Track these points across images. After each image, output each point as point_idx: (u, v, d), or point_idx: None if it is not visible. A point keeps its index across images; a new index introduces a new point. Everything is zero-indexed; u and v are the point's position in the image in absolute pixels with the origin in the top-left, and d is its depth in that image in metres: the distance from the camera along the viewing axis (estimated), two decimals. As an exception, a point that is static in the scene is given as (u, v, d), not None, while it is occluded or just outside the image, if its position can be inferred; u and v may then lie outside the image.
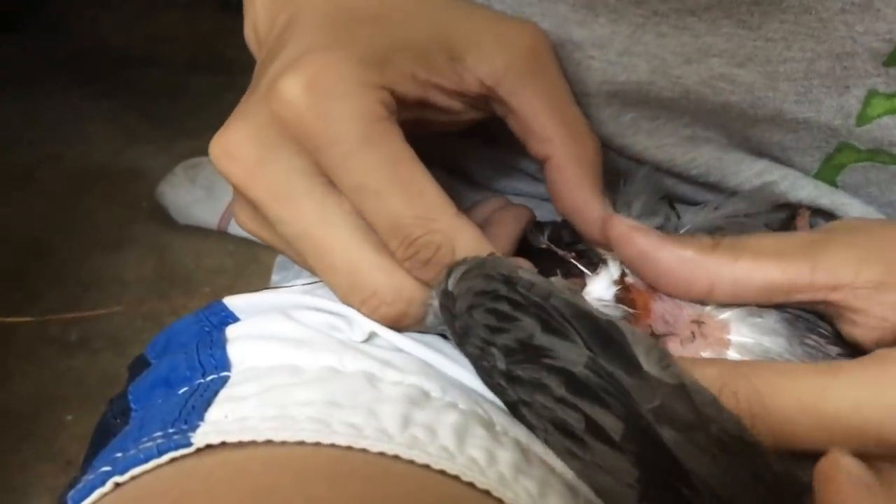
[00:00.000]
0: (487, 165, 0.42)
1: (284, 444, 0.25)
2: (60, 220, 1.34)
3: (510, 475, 0.26)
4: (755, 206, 0.31)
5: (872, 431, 0.23)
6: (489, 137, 0.40)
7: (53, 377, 1.11)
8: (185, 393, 0.29)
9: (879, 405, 0.23)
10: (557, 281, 0.25)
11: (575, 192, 0.31)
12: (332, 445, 0.25)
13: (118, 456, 0.26)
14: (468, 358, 0.28)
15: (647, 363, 0.23)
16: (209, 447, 0.25)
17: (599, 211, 0.31)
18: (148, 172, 1.40)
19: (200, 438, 0.25)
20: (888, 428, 0.23)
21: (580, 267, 0.30)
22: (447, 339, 0.30)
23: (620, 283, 0.29)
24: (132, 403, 0.32)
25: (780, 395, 0.24)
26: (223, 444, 0.25)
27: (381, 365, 0.30)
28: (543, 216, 0.38)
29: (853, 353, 0.27)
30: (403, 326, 0.29)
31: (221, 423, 0.26)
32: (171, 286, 1.25)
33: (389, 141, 0.27)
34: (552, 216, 0.37)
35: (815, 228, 0.30)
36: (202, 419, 0.26)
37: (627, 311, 0.29)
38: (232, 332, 0.32)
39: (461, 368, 0.31)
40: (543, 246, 0.31)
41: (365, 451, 0.25)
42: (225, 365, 0.30)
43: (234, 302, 0.35)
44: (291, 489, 0.24)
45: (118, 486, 0.25)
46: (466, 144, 0.41)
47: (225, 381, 0.29)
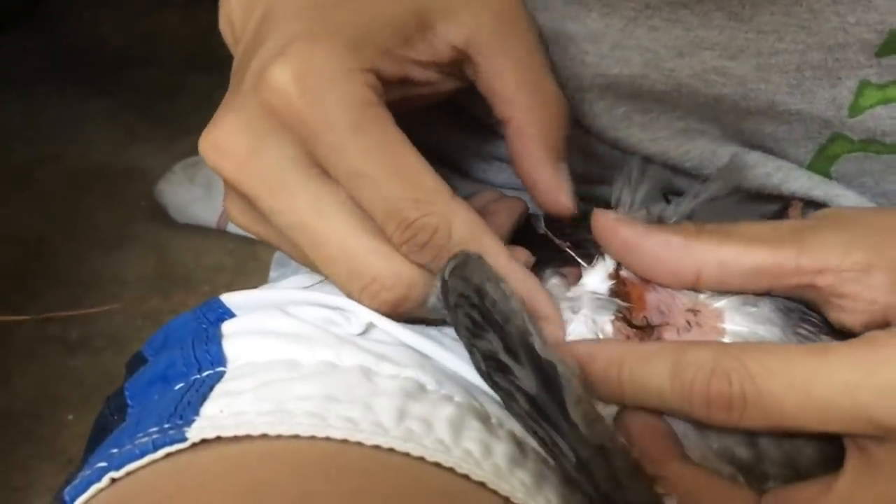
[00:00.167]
0: (481, 158, 0.42)
1: (280, 438, 0.25)
2: (60, 219, 1.34)
3: (505, 467, 0.27)
4: (726, 186, 0.31)
5: (863, 412, 0.23)
6: (484, 130, 0.40)
7: (54, 377, 1.11)
8: (180, 388, 0.29)
9: (870, 386, 0.23)
10: (516, 302, 0.25)
11: (531, 156, 0.30)
12: (327, 439, 0.25)
13: (114, 452, 0.26)
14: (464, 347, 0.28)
15: (574, 415, 0.23)
16: (204, 442, 0.25)
17: (552, 178, 0.30)
18: (147, 171, 1.40)
19: (195, 433, 0.25)
20: (878, 409, 0.23)
21: (576, 258, 0.30)
22: (449, 324, 0.30)
23: (615, 276, 0.29)
24: (129, 400, 0.32)
25: (771, 376, 0.24)
26: (219, 438, 0.25)
27: (377, 359, 0.30)
28: (537, 210, 0.37)
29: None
30: (404, 311, 0.29)
31: (217, 417, 0.26)
32: (170, 285, 1.25)
33: (381, 126, 0.27)
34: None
35: (790, 209, 0.31)
36: (197, 414, 0.26)
37: (622, 304, 0.29)
38: (228, 327, 0.32)
39: (459, 360, 0.31)
40: (542, 232, 0.30)
41: (360, 444, 0.25)
42: (221, 360, 0.30)
43: (230, 298, 0.35)
44: (287, 483, 0.24)
45: (114, 481, 0.26)
46: (460, 136, 0.41)
47: (220, 376, 0.29)
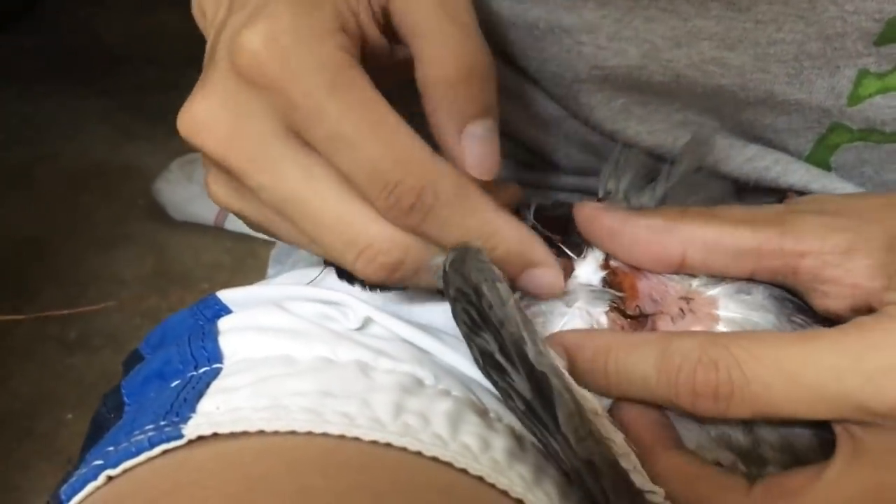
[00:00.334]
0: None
1: (277, 434, 0.25)
2: (57, 218, 1.34)
3: (504, 461, 0.26)
4: (694, 162, 0.31)
5: (851, 398, 0.23)
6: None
7: (53, 376, 1.11)
8: (177, 386, 0.29)
9: (857, 371, 0.23)
10: (512, 308, 0.24)
11: (434, 115, 0.28)
12: (324, 435, 0.25)
13: (110, 450, 0.26)
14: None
15: (565, 429, 0.23)
16: (201, 439, 0.25)
17: (454, 147, 0.27)
18: (144, 169, 1.40)
19: (192, 430, 0.25)
20: (866, 394, 0.23)
21: (566, 250, 0.30)
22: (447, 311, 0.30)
23: (606, 266, 0.29)
24: (126, 398, 0.32)
25: (759, 362, 0.24)
26: (215, 435, 0.25)
27: (374, 354, 0.29)
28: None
29: None
30: (402, 276, 0.28)
31: (213, 414, 0.26)
32: (168, 283, 1.25)
33: (359, 87, 0.26)
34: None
35: (785, 201, 0.30)
36: (194, 411, 0.26)
37: (616, 294, 0.28)
38: (224, 324, 0.32)
39: (457, 355, 0.31)
40: (530, 225, 0.30)
41: (357, 439, 0.25)
42: (217, 357, 0.30)
43: (227, 295, 0.35)
44: (284, 479, 0.24)
45: (111, 479, 0.26)
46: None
47: (217, 372, 0.29)
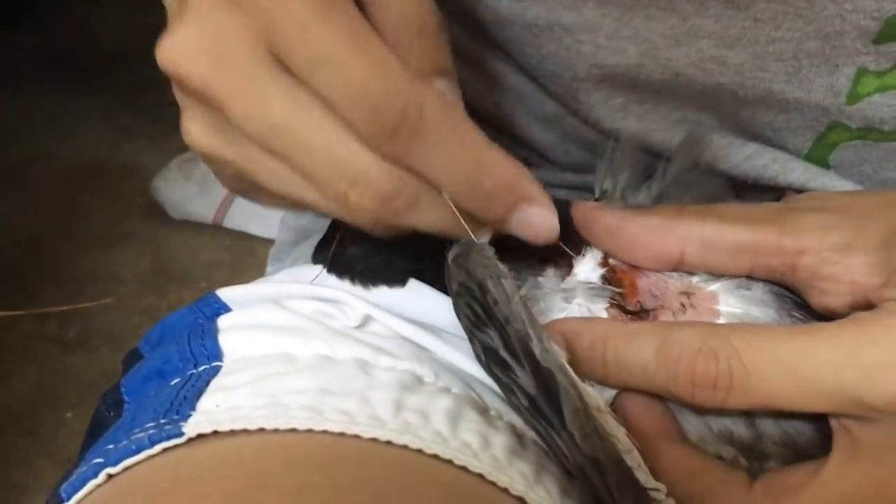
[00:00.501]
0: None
1: (276, 431, 0.25)
2: (55, 217, 1.34)
3: (504, 459, 0.26)
4: (689, 160, 0.31)
5: (849, 392, 0.23)
6: (477, 120, 0.40)
7: (52, 375, 1.11)
8: (177, 384, 0.29)
9: (855, 365, 0.23)
10: (518, 305, 0.24)
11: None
12: (324, 432, 0.25)
13: (110, 447, 0.26)
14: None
15: (571, 426, 0.23)
16: (201, 437, 0.25)
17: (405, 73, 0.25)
18: (142, 168, 1.40)
19: (192, 428, 0.25)
20: (863, 388, 0.23)
21: (565, 248, 0.30)
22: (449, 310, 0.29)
23: (605, 264, 0.29)
24: (125, 396, 0.32)
25: (759, 354, 0.24)
26: (215, 433, 0.25)
27: (373, 351, 0.29)
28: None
29: None
30: (395, 212, 0.26)
31: (213, 412, 0.26)
32: (167, 281, 1.25)
33: (343, 9, 0.25)
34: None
35: (783, 199, 0.30)
36: (194, 409, 0.26)
37: (615, 291, 0.29)
38: (223, 322, 0.32)
39: (457, 352, 0.31)
40: None
41: (357, 437, 0.25)
42: (217, 355, 0.30)
43: (227, 293, 0.35)
44: (283, 476, 0.24)
45: (111, 477, 0.26)
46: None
47: (217, 370, 0.29)
